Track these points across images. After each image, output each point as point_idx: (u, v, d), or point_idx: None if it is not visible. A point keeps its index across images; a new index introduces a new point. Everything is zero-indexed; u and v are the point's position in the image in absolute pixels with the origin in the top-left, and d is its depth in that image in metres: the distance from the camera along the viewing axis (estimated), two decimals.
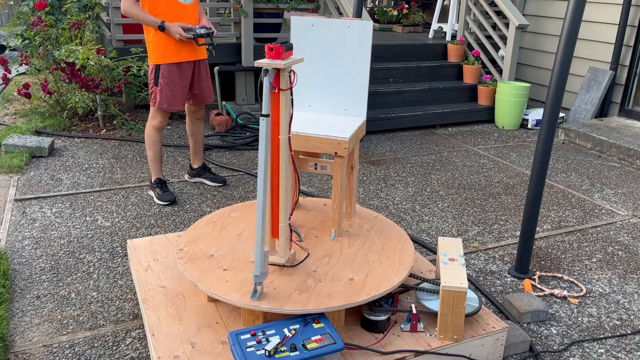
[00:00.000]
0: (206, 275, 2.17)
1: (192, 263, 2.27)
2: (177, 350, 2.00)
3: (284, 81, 2.01)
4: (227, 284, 2.12)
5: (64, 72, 4.85)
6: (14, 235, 3.11)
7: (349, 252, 2.39)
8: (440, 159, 4.74)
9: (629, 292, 2.80)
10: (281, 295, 2.06)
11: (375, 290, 2.10)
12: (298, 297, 2.05)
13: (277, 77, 1.99)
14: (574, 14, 2.48)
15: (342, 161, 2.41)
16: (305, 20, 2.57)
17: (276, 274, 2.21)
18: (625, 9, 5.46)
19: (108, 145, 4.68)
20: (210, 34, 3.36)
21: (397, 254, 2.38)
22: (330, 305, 2.00)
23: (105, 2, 5.15)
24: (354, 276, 2.20)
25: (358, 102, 2.64)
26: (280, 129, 2.06)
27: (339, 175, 2.44)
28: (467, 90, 6.10)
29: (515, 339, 2.29)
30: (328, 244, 2.45)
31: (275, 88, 2.01)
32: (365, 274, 2.22)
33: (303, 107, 2.72)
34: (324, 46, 2.60)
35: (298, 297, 2.05)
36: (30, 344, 2.25)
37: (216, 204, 3.64)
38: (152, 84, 3.40)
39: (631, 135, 5.19)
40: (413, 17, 7.83)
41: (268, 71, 1.96)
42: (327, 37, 2.58)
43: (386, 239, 2.52)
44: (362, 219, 2.73)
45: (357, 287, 2.12)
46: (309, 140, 2.40)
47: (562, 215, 3.69)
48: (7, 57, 7.60)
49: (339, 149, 2.36)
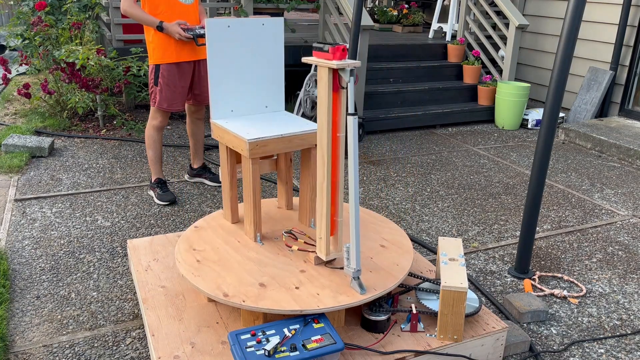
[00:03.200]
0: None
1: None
2: (177, 350, 2.00)
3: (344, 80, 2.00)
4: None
5: (64, 72, 4.85)
6: (14, 235, 3.11)
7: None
8: (440, 159, 4.74)
9: (629, 292, 2.81)
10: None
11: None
12: (290, 297, 2.04)
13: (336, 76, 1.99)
14: (574, 14, 2.48)
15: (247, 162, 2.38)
16: (221, 21, 2.53)
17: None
18: (625, 9, 5.46)
19: (108, 145, 4.68)
20: None
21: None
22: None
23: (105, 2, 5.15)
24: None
25: (277, 97, 2.70)
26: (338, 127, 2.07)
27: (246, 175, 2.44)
28: (467, 90, 6.10)
29: (515, 339, 2.29)
30: None
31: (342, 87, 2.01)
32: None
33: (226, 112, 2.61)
34: (241, 46, 2.57)
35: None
36: (30, 344, 2.25)
37: (216, 204, 3.64)
38: (152, 83, 3.40)
39: (631, 135, 5.19)
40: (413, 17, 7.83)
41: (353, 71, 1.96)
42: (243, 36, 2.55)
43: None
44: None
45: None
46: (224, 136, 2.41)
47: (562, 215, 3.69)
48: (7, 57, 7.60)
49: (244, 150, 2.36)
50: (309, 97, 5.02)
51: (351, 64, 1.97)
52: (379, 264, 2.30)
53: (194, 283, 2.12)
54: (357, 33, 4.42)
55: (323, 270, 2.24)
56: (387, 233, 2.59)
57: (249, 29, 2.55)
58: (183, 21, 3.26)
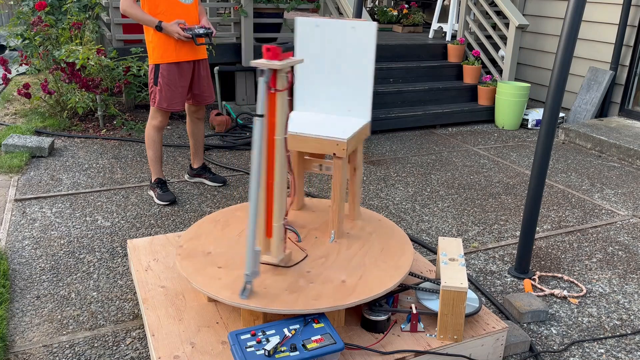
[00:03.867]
0: (200, 272, 2.18)
1: (189, 260, 2.27)
2: (177, 350, 2.00)
3: (280, 82, 2.02)
4: (219, 281, 2.13)
5: (64, 72, 4.85)
6: (14, 235, 3.11)
7: (346, 254, 2.38)
8: (440, 159, 4.74)
9: (629, 292, 2.80)
10: (270, 295, 2.06)
11: (366, 293, 2.09)
12: (286, 298, 2.04)
13: (274, 77, 2.00)
14: (574, 14, 2.48)
15: (341, 162, 2.41)
16: (310, 21, 2.57)
17: (270, 273, 2.20)
18: (625, 9, 5.46)
19: (108, 145, 4.68)
20: (209, 34, 3.36)
21: (395, 258, 2.37)
22: (317, 307, 2.00)
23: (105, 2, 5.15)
24: (346, 278, 2.19)
25: (362, 103, 2.63)
26: (276, 130, 2.07)
27: (338, 176, 2.44)
28: (467, 90, 6.10)
29: (515, 339, 2.29)
30: (326, 245, 2.45)
31: (272, 89, 2.01)
32: (358, 276, 2.21)
33: (307, 107, 2.71)
34: (328, 47, 2.59)
35: (287, 297, 2.05)
36: (30, 344, 2.25)
37: (216, 204, 3.64)
38: (152, 83, 3.40)
39: (631, 135, 5.19)
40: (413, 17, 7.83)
41: (264, 71, 1.96)
42: (331, 37, 2.57)
43: (386, 242, 2.51)
44: (365, 221, 2.72)
45: (347, 289, 2.11)
46: (308, 141, 2.40)
47: (562, 215, 3.69)
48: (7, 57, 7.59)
49: (337, 150, 2.36)
50: None
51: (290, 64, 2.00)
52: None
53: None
54: None
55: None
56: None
57: (338, 30, 2.55)
58: (182, 20, 3.26)
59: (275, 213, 2.16)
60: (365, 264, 2.30)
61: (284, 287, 2.11)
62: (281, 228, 2.18)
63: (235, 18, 5.70)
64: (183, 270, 2.21)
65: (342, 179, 2.44)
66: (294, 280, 2.16)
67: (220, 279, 2.15)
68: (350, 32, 2.54)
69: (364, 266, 2.29)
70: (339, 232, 2.51)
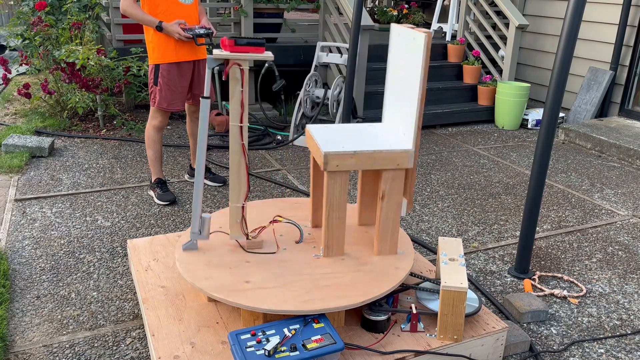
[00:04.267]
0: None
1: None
2: (177, 350, 2.00)
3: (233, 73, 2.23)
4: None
5: (64, 72, 4.85)
6: (14, 235, 3.11)
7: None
8: (440, 159, 4.74)
9: (629, 292, 2.81)
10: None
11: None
12: (286, 297, 2.04)
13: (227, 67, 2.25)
14: (574, 14, 2.48)
15: (326, 175, 2.38)
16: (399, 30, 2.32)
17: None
18: (625, 9, 5.46)
19: (108, 145, 4.68)
20: (210, 34, 3.36)
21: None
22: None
23: (105, 2, 5.15)
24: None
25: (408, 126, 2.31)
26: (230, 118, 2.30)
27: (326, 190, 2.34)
28: (467, 90, 6.10)
29: (515, 339, 2.29)
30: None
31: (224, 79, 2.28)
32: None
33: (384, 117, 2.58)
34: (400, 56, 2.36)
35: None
36: (30, 344, 2.25)
37: (216, 204, 3.64)
38: (152, 83, 3.40)
39: (631, 135, 5.19)
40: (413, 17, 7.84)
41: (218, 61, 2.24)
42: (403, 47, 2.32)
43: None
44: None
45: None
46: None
47: (562, 215, 3.69)
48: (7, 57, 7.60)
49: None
50: (309, 97, 5.02)
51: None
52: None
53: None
54: (357, 33, 4.42)
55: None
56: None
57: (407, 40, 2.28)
58: (182, 21, 3.26)
59: (231, 195, 2.35)
60: (365, 264, 2.30)
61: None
62: (238, 209, 2.35)
63: (235, 18, 5.70)
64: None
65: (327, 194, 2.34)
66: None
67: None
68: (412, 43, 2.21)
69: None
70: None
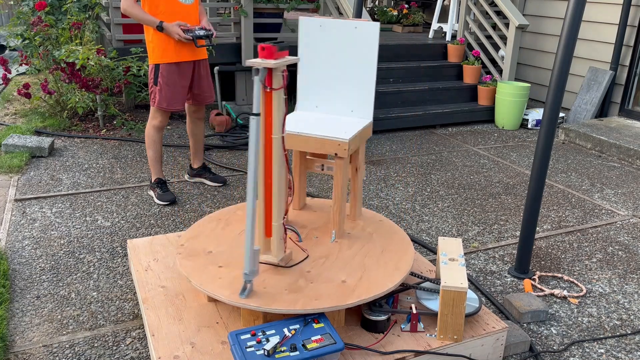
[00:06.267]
0: (201, 272, 2.18)
1: (189, 259, 2.27)
2: (177, 350, 2.00)
3: (276, 80, 2.04)
4: (220, 280, 2.13)
5: (64, 72, 4.85)
6: (14, 235, 3.11)
7: (347, 254, 2.38)
8: (440, 159, 4.74)
9: (629, 292, 2.80)
10: (270, 295, 2.06)
11: (366, 293, 2.09)
12: (287, 297, 2.04)
13: (269, 76, 2.02)
14: (574, 14, 2.48)
15: (342, 162, 2.41)
16: (313, 20, 2.58)
17: (270, 273, 2.20)
18: (625, 9, 5.46)
19: (108, 145, 4.68)
20: (210, 35, 3.36)
21: (395, 259, 2.37)
22: (317, 307, 2.00)
23: (105, 2, 5.15)
24: (347, 278, 2.19)
25: (364, 103, 2.63)
26: (273, 128, 2.08)
27: (340, 176, 2.44)
28: (467, 90, 6.10)
29: (515, 339, 2.29)
30: (327, 245, 2.45)
31: (268, 87, 2.03)
32: (359, 276, 2.21)
33: (310, 107, 2.72)
34: (331, 47, 2.60)
35: (287, 297, 2.05)
36: (30, 344, 2.25)
37: (216, 204, 3.64)
38: (152, 83, 3.40)
39: (631, 135, 5.19)
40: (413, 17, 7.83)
41: (259, 70, 1.99)
42: (334, 37, 2.58)
43: (387, 243, 2.50)
44: (367, 221, 2.72)
45: (348, 289, 2.11)
46: (309, 141, 2.40)
47: (562, 215, 3.69)
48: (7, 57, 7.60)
49: (339, 150, 2.36)
50: None
51: (285, 62, 2.03)
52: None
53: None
54: None
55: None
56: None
57: (342, 30, 2.56)
58: (183, 22, 3.26)
59: (274, 212, 2.16)
60: (365, 264, 2.30)
61: (284, 287, 2.11)
62: (280, 227, 2.18)
63: (235, 18, 5.70)
64: (183, 269, 2.21)
65: (343, 179, 2.44)
66: (294, 280, 2.16)
67: (221, 279, 2.15)
68: (353, 32, 2.55)
69: (365, 266, 2.29)
70: (340, 232, 2.51)
